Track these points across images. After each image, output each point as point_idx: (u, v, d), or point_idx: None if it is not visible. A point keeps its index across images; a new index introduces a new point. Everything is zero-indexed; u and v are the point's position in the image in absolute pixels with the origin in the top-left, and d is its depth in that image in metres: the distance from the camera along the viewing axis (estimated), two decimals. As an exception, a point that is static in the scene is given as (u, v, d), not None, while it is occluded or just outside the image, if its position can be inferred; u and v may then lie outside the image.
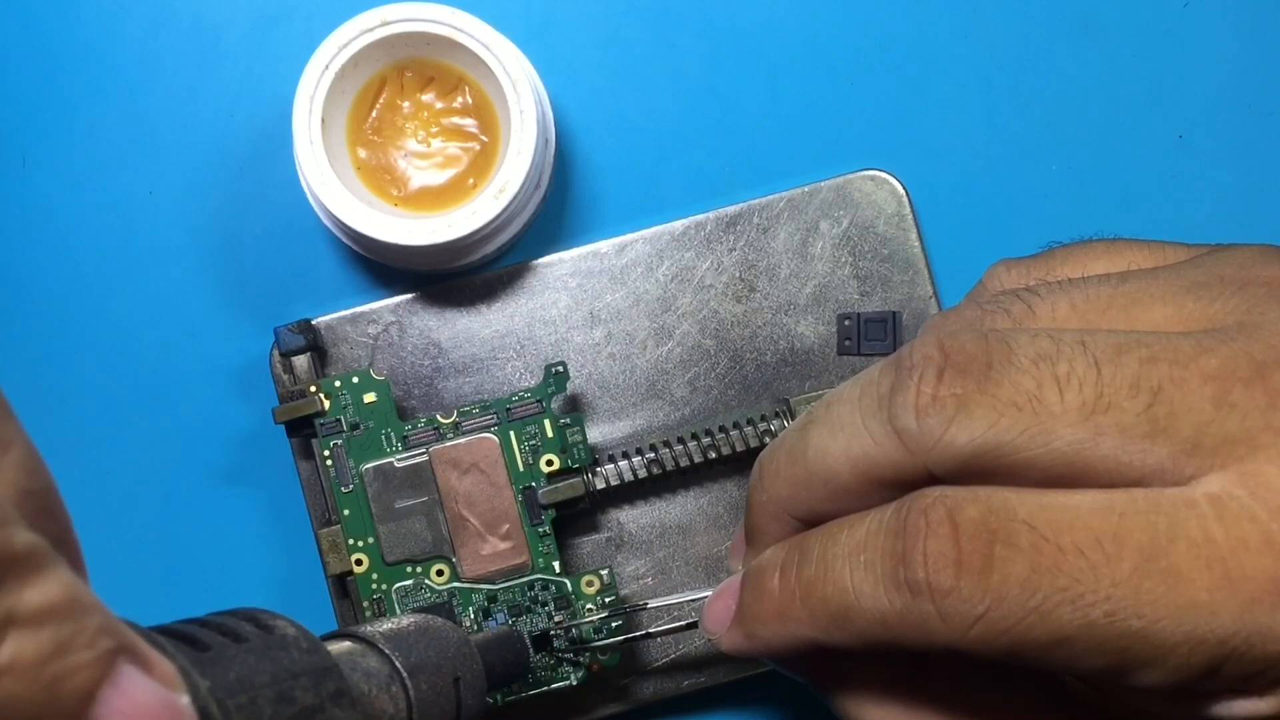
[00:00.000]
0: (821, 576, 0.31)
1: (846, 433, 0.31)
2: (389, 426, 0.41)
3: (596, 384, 0.43)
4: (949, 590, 0.28)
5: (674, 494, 0.43)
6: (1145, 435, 0.28)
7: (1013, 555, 0.28)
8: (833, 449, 0.31)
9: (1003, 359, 0.29)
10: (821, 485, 0.32)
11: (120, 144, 0.44)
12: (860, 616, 0.30)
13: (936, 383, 0.29)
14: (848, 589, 0.30)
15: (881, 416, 0.30)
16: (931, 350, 0.30)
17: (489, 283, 0.43)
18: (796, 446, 0.32)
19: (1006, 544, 0.28)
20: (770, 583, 0.32)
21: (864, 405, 0.30)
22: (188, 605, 0.43)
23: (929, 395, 0.29)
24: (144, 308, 0.44)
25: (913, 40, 0.44)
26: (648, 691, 0.43)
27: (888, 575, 0.29)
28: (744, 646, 0.33)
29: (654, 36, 0.44)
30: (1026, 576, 0.27)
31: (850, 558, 0.30)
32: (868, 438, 0.30)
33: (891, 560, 0.29)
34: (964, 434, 0.29)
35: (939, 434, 0.29)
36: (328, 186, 0.40)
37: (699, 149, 0.44)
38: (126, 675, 0.22)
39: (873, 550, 0.30)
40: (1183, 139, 0.45)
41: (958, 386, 0.29)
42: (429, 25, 0.40)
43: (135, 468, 0.44)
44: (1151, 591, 0.27)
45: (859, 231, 0.43)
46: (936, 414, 0.29)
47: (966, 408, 0.29)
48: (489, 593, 0.40)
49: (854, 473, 0.31)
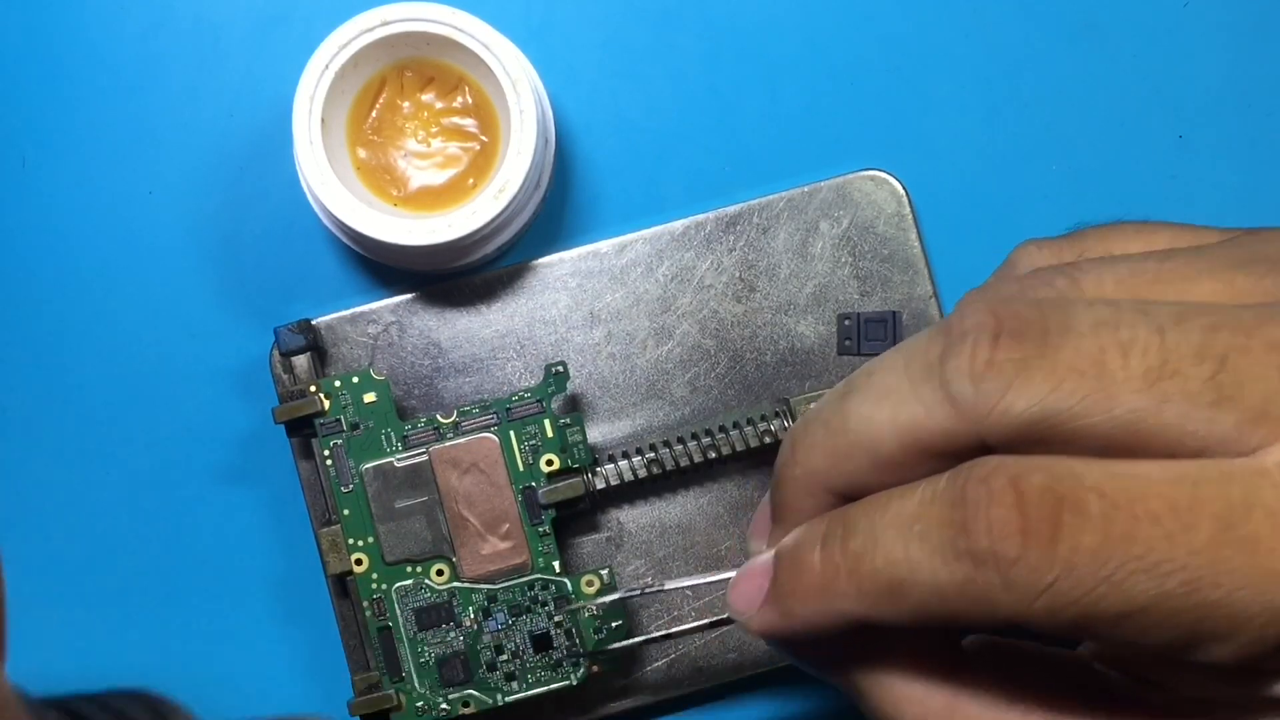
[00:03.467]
0: (871, 549, 0.29)
1: (893, 400, 0.29)
2: (389, 426, 0.41)
3: (596, 384, 0.43)
4: (1015, 559, 0.26)
5: (674, 494, 0.43)
6: (1211, 403, 0.27)
7: (1083, 523, 0.26)
8: (877, 417, 0.29)
9: (1061, 324, 0.28)
10: (864, 456, 0.30)
11: (120, 144, 0.44)
12: (915, 589, 0.28)
13: (992, 347, 0.28)
14: (901, 561, 0.28)
15: (933, 383, 0.28)
16: (984, 316, 0.28)
17: (489, 283, 0.43)
18: (835, 417, 0.31)
19: (1075, 512, 0.26)
20: (810, 557, 0.30)
21: (913, 371, 0.29)
22: (188, 605, 0.44)
23: (985, 359, 0.28)
24: (144, 308, 0.44)
25: (913, 40, 0.44)
26: (648, 691, 0.43)
27: (947, 545, 0.27)
28: (779, 626, 0.32)
29: (654, 36, 0.44)
30: (1098, 545, 0.26)
31: (903, 528, 0.28)
32: (917, 405, 0.29)
33: (951, 530, 0.27)
34: (1023, 399, 0.27)
35: (996, 399, 0.28)
36: (328, 186, 0.40)
37: (699, 149, 0.44)
38: None
39: (928, 520, 0.28)
40: (1183, 139, 0.45)
41: (1016, 350, 0.28)
42: (429, 25, 0.40)
43: (135, 468, 0.44)
44: (1230, 560, 0.26)
45: (859, 231, 0.43)
46: (995, 378, 0.28)
47: (1026, 372, 0.27)
48: (489, 592, 0.40)
49: (901, 442, 0.29)
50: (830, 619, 0.30)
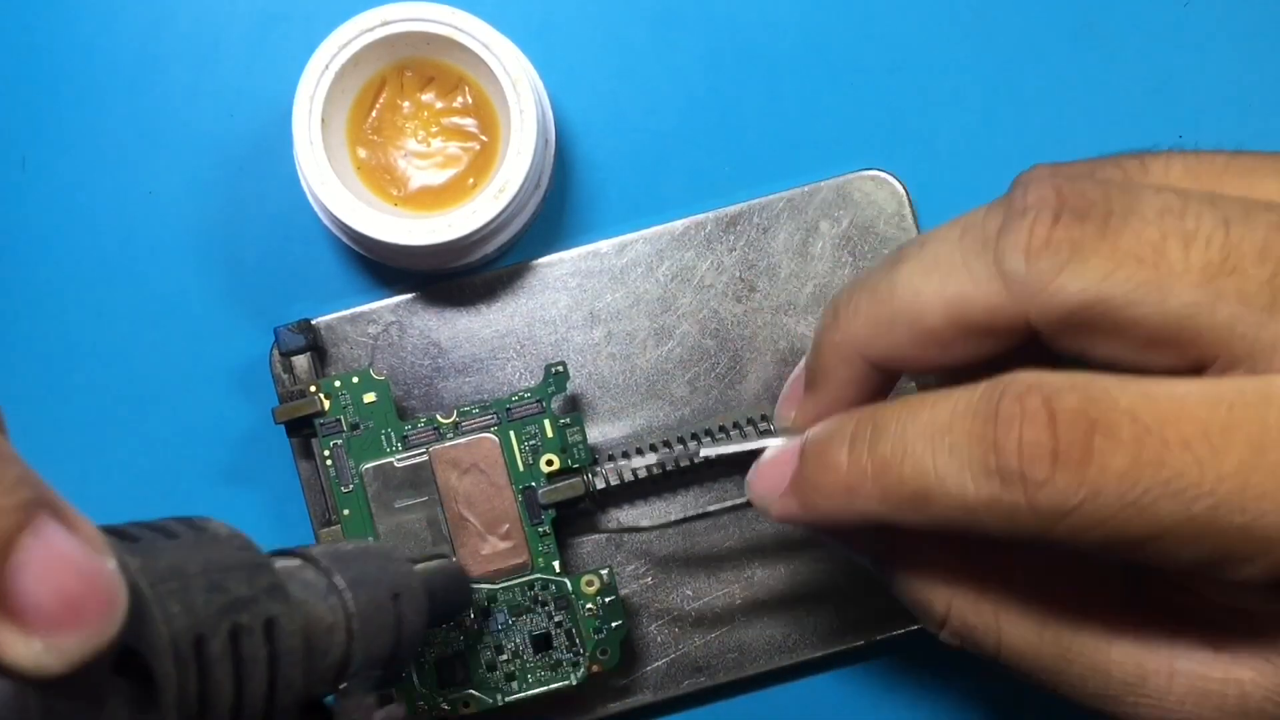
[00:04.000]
0: (900, 455, 0.29)
1: (943, 271, 0.29)
2: (389, 426, 0.41)
3: (596, 384, 0.43)
4: (1043, 482, 0.26)
5: (674, 494, 0.43)
6: (1265, 307, 0.26)
7: (1113, 447, 0.26)
8: (926, 288, 0.29)
9: (1125, 208, 0.27)
10: (907, 326, 0.30)
11: (120, 144, 0.44)
12: (941, 501, 0.28)
13: (1052, 225, 0.27)
14: (929, 471, 0.28)
15: (986, 257, 0.28)
16: (1048, 192, 0.28)
17: (489, 283, 0.43)
18: (883, 283, 0.30)
19: (1107, 435, 0.26)
20: (837, 454, 0.30)
21: (966, 244, 0.29)
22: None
23: (1043, 237, 0.27)
24: (144, 308, 0.44)
25: (913, 40, 0.44)
26: (648, 691, 0.43)
27: (976, 461, 0.27)
28: (799, 516, 0.32)
29: (654, 36, 0.44)
30: (1127, 469, 0.26)
31: (934, 438, 0.28)
32: (968, 277, 0.28)
33: (981, 446, 0.27)
34: (1076, 281, 0.27)
35: (1049, 278, 0.27)
36: (328, 186, 0.40)
37: (699, 149, 0.44)
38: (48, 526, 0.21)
39: (959, 433, 0.28)
40: (1183, 139, 0.45)
41: (1075, 230, 0.27)
42: (429, 25, 0.40)
43: (135, 468, 0.44)
44: (1259, 485, 0.26)
45: (859, 231, 0.43)
46: (1050, 257, 0.27)
47: (1082, 253, 0.27)
48: (489, 592, 0.40)
49: (947, 315, 0.29)
50: (852, 517, 0.30)
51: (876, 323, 0.30)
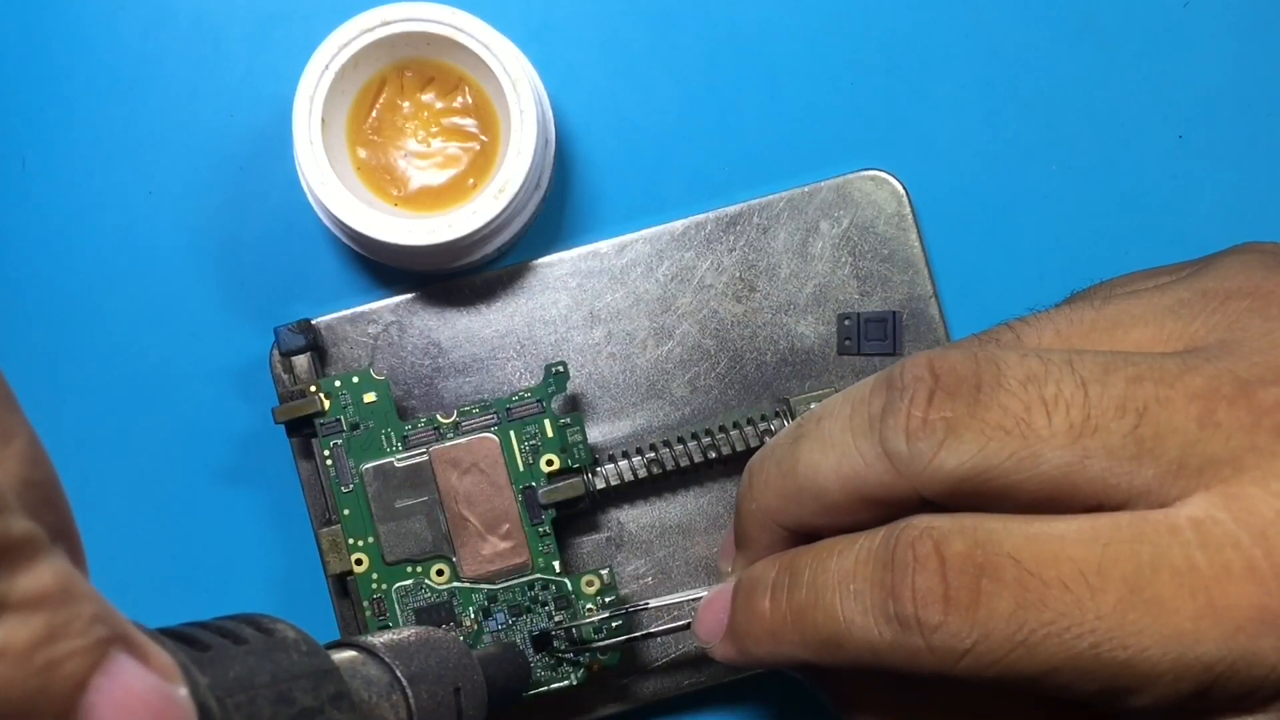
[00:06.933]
0: (812, 603, 0.31)
1: (837, 451, 0.31)
2: (389, 426, 0.41)
3: (596, 384, 0.43)
4: (937, 625, 0.28)
5: (674, 494, 0.43)
6: (1132, 457, 0.28)
7: (998, 590, 0.28)
8: (823, 466, 0.31)
9: (992, 381, 0.29)
10: (811, 500, 0.32)
11: (120, 144, 0.44)
12: (851, 644, 0.30)
13: (927, 405, 0.29)
14: (838, 618, 0.30)
15: (873, 438, 0.30)
16: (922, 371, 0.30)
17: (489, 283, 0.43)
18: (786, 460, 0.32)
19: (992, 578, 0.28)
20: (761, 604, 0.32)
21: (855, 425, 0.31)
22: (188, 605, 0.43)
23: (919, 418, 0.29)
24: (144, 308, 0.44)
25: (913, 40, 0.44)
26: (648, 691, 0.43)
27: (877, 607, 0.29)
28: (737, 660, 0.34)
29: (654, 36, 0.44)
30: (1012, 611, 0.28)
31: (840, 586, 0.30)
32: (858, 458, 0.30)
33: (880, 592, 0.29)
34: (953, 458, 0.29)
35: (928, 458, 0.29)
36: (328, 186, 0.40)
37: (699, 149, 0.44)
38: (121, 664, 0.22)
39: (862, 580, 0.30)
40: (1183, 139, 0.45)
41: (947, 409, 0.29)
42: (429, 25, 0.40)
43: (135, 468, 0.44)
44: (1136, 623, 0.27)
45: (859, 231, 0.43)
46: (926, 438, 0.29)
47: (955, 431, 0.29)
48: (489, 592, 0.40)
49: (844, 491, 0.31)
50: (781, 659, 0.32)
51: (785, 496, 0.33)
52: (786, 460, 0.32)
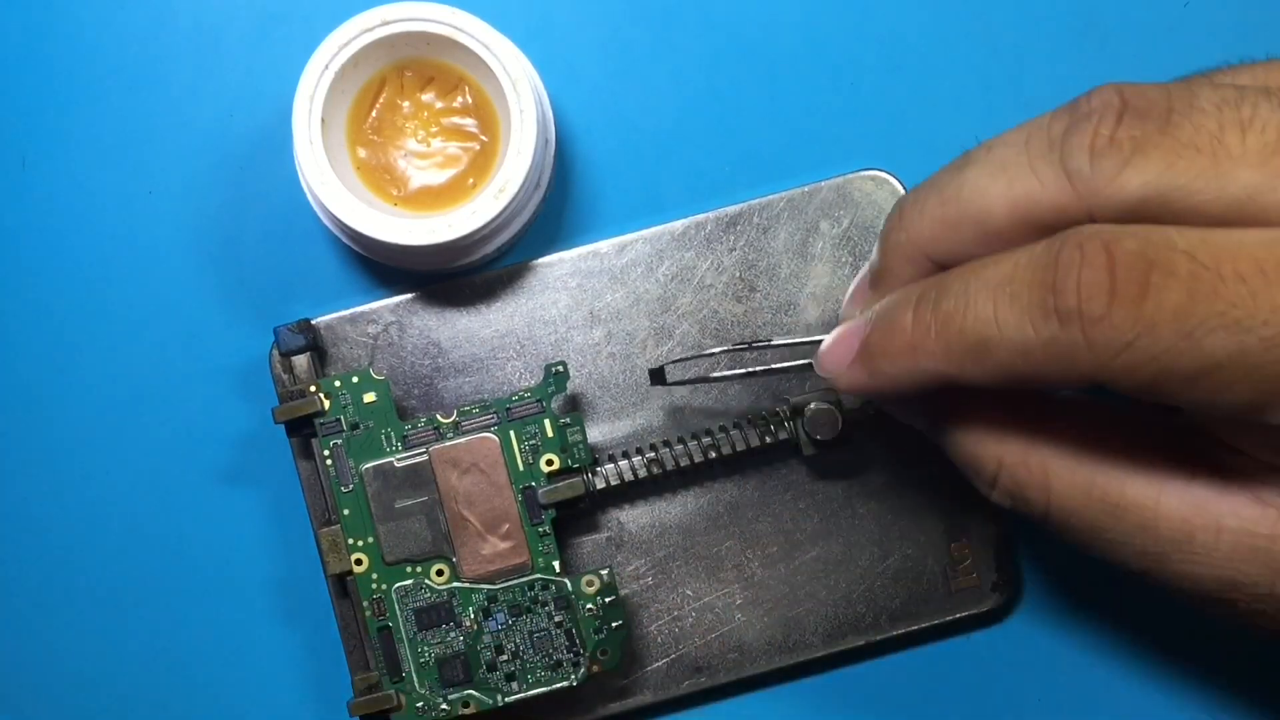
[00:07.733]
0: (962, 309, 0.30)
1: (1010, 173, 0.30)
2: (389, 426, 0.41)
3: (596, 384, 0.43)
4: (1100, 317, 0.27)
5: (674, 494, 0.43)
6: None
7: (1169, 283, 0.27)
8: (992, 190, 0.30)
9: (1185, 104, 0.28)
10: (973, 227, 0.31)
11: (120, 144, 0.44)
12: (1001, 347, 0.29)
13: (1115, 125, 0.28)
14: (990, 320, 0.29)
15: (1052, 158, 0.29)
16: (1111, 95, 0.29)
17: (489, 283, 0.43)
18: (950, 186, 0.31)
19: (1164, 272, 0.27)
20: (903, 317, 0.31)
21: (1032, 147, 0.29)
22: (188, 605, 0.44)
23: (1106, 137, 0.28)
24: (144, 308, 0.44)
25: (912, 40, 0.44)
26: (648, 691, 0.43)
27: (1035, 304, 0.28)
28: (865, 383, 0.33)
29: (654, 36, 0.44)
30: (1182, 303, 0.26)
31: (996, 289, 0.29)
32: (1034, 179, 0.29)
33: (1041, 290, 0.28)
34: (1138, 176, 0.28)
35: (1112, 175, 0.28)
36: (328, 186, 0.40)
37: (699, 149, 0.44)
38: None
39: (1020, 282, 0.29)
40: (1183, 139, 0.45)
41: (1137, 129, 0.28)
42: (429, 25, 0.40)
43: (135, 468, 0.44)
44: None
45: (859, 231, 0.43)
46: (1113, 155, 0.28)
47: (1143, 150, 0.28)
48: (489, 593, 0.40)
49: (1012, 215, 0.30)
50: (915, 377, 0.31)
51: (943, 223, 0.31)
52: (950, 186, 0.31)
